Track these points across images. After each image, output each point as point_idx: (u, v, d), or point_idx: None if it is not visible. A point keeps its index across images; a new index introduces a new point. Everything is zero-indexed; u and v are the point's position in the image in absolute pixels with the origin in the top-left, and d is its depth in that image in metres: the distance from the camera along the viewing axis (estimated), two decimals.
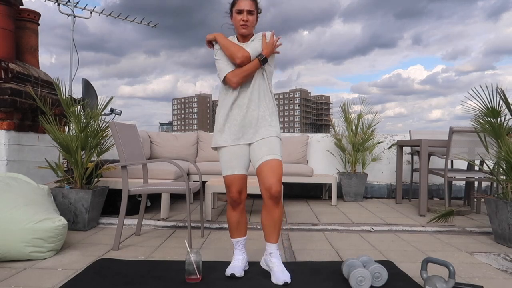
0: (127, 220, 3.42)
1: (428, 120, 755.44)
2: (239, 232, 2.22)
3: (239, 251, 2.22)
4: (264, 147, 2.08)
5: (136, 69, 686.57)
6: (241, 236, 2.23)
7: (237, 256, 2.21)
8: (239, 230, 2.21)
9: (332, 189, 4.66)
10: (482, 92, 3.30)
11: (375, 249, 2.79)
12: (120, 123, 2.86)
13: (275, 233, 2.12)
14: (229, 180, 2.12)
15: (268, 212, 2.08)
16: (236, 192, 2.12)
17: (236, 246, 2.23)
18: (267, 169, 2.03)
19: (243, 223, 2.22)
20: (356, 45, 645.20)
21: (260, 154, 2.07)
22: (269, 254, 2.14)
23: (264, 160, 2.05)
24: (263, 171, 2.04)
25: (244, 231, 2.24)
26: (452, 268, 1.87)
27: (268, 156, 2.05)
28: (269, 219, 2.09)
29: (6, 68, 3.47)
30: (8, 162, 3.36)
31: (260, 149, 2.09)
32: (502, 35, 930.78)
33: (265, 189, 2.05)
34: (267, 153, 2.06)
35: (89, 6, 5.09)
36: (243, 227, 2.22)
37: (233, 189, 2.12)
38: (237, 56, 2.03)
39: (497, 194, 3.36)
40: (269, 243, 2.13)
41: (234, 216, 2.18)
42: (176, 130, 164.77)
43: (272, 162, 2.04)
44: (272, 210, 2.06)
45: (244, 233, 2.24)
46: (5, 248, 2.29)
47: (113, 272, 2.17)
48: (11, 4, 3.68)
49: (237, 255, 2.22)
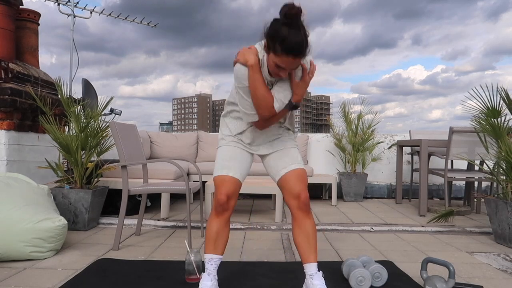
0: (127, 220, 3.42)
1: (428, 120, 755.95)
2: (216, 247, 1.81)
3: (208, 275, 1.80)
4: (286, 157, 1.88)
5: (136, 69, 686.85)
6: (217, 253, 1.82)
7: (204, 282, 1.78)
8: (216, 245, 1.81)
9: (332, 189, 4.66)
10: (482, 92, 3.30)
11: (375, 249, 2.79)
12: (120, 123, 2.86)
13: (313, 250, 1.79)
14: (220, 180, 1.80)
15: (300, 225, 1.81)
16: (224, 194, 1.77)
17: (207, 265, 1.81)
18: (295, 177, 1.83)
19: (224, 237, 1.83)
20: (356, 45, 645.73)
21: (283, 164, 1.87)
22: (309, 276, 1.78)
23: (290, 169, 1.85)
24: (290, 180, 1.83)
25: (222, 248, 1.83)
26: (452, 268, 1.87)
27: (293, 165, 1.86)
28: (302, 234, 1.80)
29: (6, 68, 3.47)
30: (8, 162, 3.36)
31: (280, 159, 1.89)
32: (502, 36, 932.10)
33: (293, 198, 1.82)
34: (292, 163, 1.86)
35: (89, 6, 5.09)
36: (222, 242, 1.83)
37: (222, 190, 1.78)
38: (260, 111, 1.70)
39: (497, 194, 3.36)
40: (308, 263, 1.79)
41: (215, 225, 1.80)
42: (176, 130, 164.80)
43: (299, 171, 1.85)
44: (304, 221, 1.81)
45: (221, 250, 1.83)
46: (5, 248, 2.29)
47: (113, 272, 2.17)
48: (11, 4, 3.68)
49: (204, 280, 1.79)
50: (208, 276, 1.80)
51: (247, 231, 3.27)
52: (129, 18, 5.39)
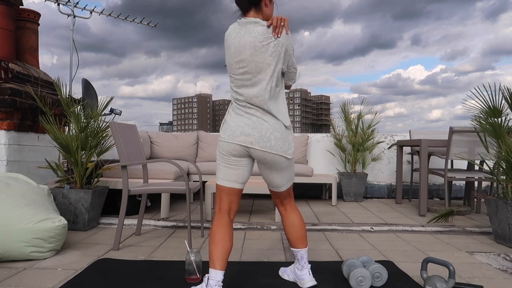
0: (127, 220, 3.42)
1: (428, 120, 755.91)
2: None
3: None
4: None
5: (136, 69, 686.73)
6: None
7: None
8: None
9: (332, 189, 4.66)
10: (484, 92, 3.30)
11: (375, 249, 2.79)
12: (120, 123, 2.86)
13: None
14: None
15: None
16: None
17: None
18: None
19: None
20: (355, 46, 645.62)
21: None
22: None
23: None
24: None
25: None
26: (452, 268, 1.87)
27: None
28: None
29: (6, 68, 3.47)
30: (8, 162, 3.36)
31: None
32: (501, 36, 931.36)
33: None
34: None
35: (90, 6, 5.09)
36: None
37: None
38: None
39: (497, 194, 3.36)
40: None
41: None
42: (176, 130, 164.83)
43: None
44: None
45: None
46: (5, 248, 2.29)
47: (113, 272, 2.17)
48: (11, 4, 3.68)
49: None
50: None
51: (247, 231, 3.27)
52: (129, 18, 5.39)
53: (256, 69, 1.78)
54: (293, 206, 2.05)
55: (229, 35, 1.84)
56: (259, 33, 1.78)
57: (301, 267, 1.99)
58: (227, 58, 1.85)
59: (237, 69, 1.81)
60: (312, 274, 1.98)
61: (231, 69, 1.83)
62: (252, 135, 1.79)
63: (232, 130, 1.81)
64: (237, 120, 1.82)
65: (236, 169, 1.85)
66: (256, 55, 1.77)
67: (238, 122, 1.81)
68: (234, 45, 1.80)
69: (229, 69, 1.85)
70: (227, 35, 1.85)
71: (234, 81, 1.84)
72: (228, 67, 1.85)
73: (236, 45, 1.79)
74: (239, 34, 1.80)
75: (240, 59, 1.79)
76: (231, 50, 1.81)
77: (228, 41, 1.83)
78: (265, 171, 1.93)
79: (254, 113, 1.80)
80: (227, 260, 1.79)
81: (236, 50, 1.80)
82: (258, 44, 1.77)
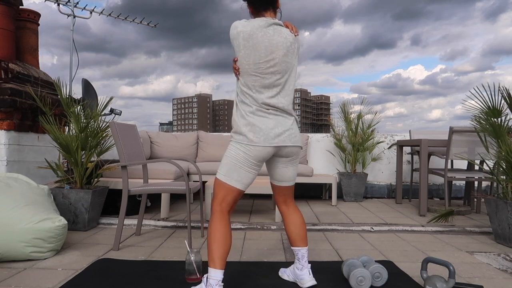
0: (127, 220, 3.42)
1: (428, 120, 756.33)
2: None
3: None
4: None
5: (136, 69, 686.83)
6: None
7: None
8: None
9: (332, 189, 4.66)
10: (483, 92, 3.30)
11: (375, 249, 2.79)
12: (120, 123, 2.86)
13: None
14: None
15: None
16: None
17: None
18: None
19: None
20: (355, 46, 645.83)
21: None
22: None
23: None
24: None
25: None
26: (452, 268, 1.87)
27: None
28: None
29: (6, 68, 3.47)
30: (8, 162, 3.36)
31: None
32: (501, 36, 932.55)
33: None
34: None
35: (90, 6, 5.09)
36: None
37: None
38: None
39: (497, 194, 3.36)
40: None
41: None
42: (176, 130, 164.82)
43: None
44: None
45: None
46: (5, 248, 2.29)
47: (113, 272, 2.17)
48: (11, 4, 3.68)
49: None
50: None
51: (247, 231, 3.27)
52: (129, 18, 5.39)
53: (285, 70, 1.84)
54: (294, 205, 2.07)
55: (255, 34, 1.79)
56: (288, 34, 1.85)
57: (301, 267, 1.99)
58: (251, 57, 1.80)
59: (267, 68, 1.80)
60: (312, 274, 1.98)
61: (258, 68, 1.80)
62: (283, 134, 1.85)
63: (265, 134, 1.81)
64: (266, 122, 1.82)
65: (254, 173, 1.87)
66: (287, 56, 1.84)
67: (268, 124, 1.82)
68: (264, 44, 1.79)
69: (252, 67, 1.80)
70: (250, 33, 1.79)
71: (258, 81, 1.81)
72: (252, 65, 1.80)
73: (267, 45, 1.79)
74: (268, 33, 1.80)
75: (272, 58, 1.80)
76: (259, 49, 1.79)
77: (253, 39, 1.78)
78: (283, 166, 1.96)
79: (275, 112, 1.85)
80: (226, 259, 1.79)
81: (267, 50, 1.79)
82: (289, 45, 1.84)
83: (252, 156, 1.81)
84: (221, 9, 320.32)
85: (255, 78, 1.81)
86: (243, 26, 1.81)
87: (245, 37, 1.79)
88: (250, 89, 1.82)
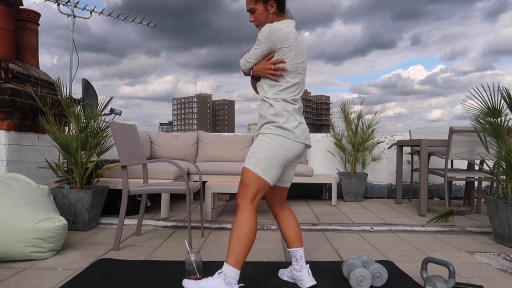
0: (127, 220, 3.42)
1: (428, 120, 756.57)
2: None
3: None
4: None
5: (136, 69, 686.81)
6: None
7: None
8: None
9: (332, 189, 4.66)
10: (483, 92, 3.30)
11: (375, 249, 2.79)
12: (120, 123, 2.86)
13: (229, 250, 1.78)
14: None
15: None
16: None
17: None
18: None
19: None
20: (355, 46, 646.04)
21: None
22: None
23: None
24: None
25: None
26: (452, 268, 1.87)
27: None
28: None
29: (6, 68, 3.47)
30: (8, 162, 3.36)
31: None
32: (501, 36, 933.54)
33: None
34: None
35: (90, 6, 5.08)
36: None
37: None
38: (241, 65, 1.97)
39: (497, 194, 3.36)
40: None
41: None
42: (176, 130, 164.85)
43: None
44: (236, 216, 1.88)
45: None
46: (5, 248, 2.29)
47: (113, 272, 2.17)
48: (11, 4, 3.68)
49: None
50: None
51: None
52: (129, 18, 5.39)
53: (305, 72, 1.93)
54: (288, 206, 2.08)
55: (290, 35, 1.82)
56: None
57: (300, 268, 1.98)
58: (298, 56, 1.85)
59: (300, 69, 1.87)
60: (311, 274, 1.98)
61: (300, 68, 1.87)
62: (308, 133, 1.93)
63: (305, 132, 1.89)
64: (303, 121, 1.91)
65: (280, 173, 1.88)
66: (306, 58, 1.94)
67: (304, 123, 1.91)
68: (297, 47, 1.85)
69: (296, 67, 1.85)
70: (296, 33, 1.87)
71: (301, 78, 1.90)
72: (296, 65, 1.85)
73: (298, 48, 1.85)
74: (296, 35, 1.87)
75: (302, 61, 1.88)
76: (296, 52, 1.84)
77: (291, 41, 1.82)
78: (291, 167, 1.99)
79: (299, 112, 1.92)
80: None
81: (299, 52, 1.86)
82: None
83: (291, 153, 1.83)
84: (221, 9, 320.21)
85: (301, 76, 1.89)
86: (287, 27, 1.84)
87: (294, 38, 1.84)
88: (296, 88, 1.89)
